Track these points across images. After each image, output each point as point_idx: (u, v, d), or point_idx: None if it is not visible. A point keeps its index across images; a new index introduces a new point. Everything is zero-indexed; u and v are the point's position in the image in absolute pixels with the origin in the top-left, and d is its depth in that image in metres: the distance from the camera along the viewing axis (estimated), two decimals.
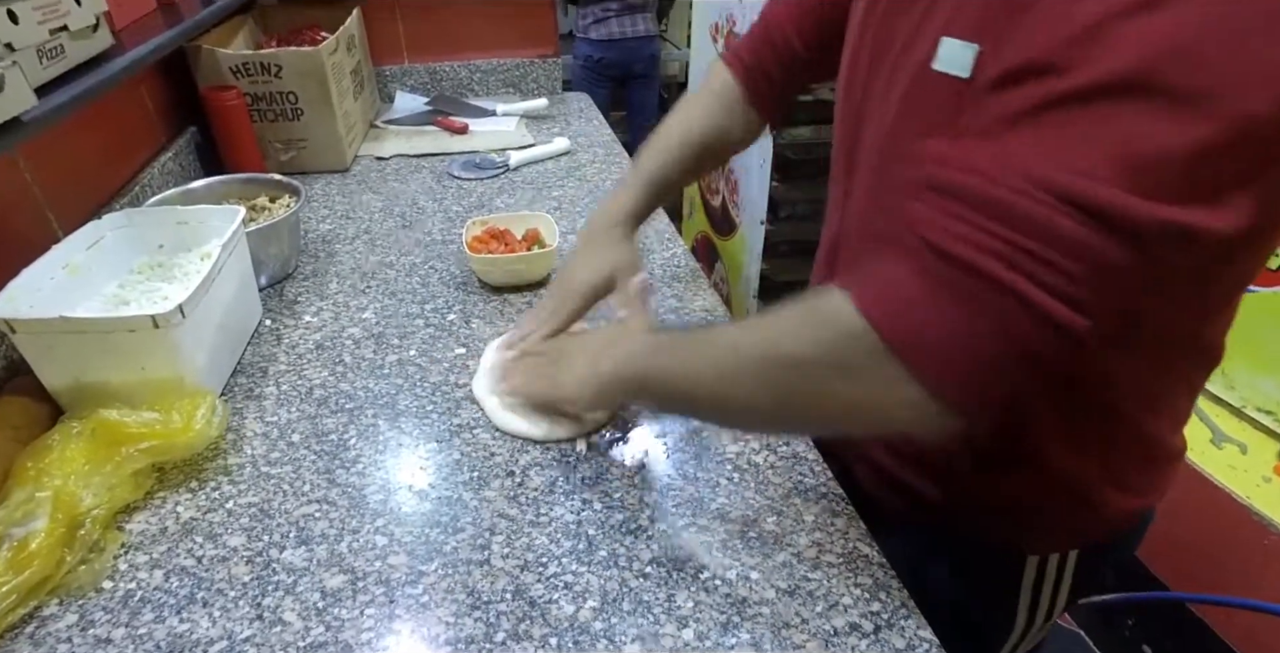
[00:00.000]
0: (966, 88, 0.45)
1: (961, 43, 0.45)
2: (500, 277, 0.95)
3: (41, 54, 0.77)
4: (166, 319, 0.65)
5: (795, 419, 0.52)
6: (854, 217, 0.62)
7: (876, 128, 0.56)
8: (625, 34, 2.77)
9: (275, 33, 1.47)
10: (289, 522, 0.62)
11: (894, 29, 0.53)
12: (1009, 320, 0.36)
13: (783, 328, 0.47)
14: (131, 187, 1.02)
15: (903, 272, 0.40)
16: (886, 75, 0.54)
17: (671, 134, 0.78)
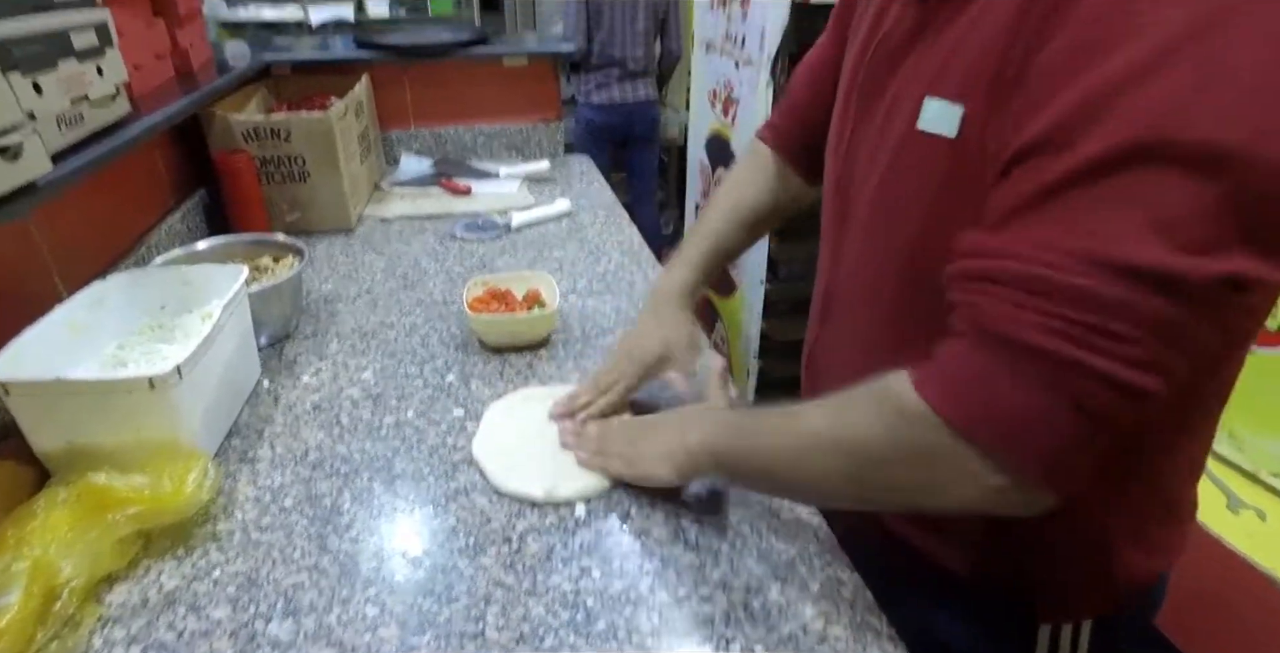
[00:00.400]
0: (952, 147, 0.46)
1: (945, 103, 0.46)
2: (500, 337, 0.95)
3: (61, 121, 0.79)
4: (164, 380, 0.65)
5: (874, 502, 0.53)
6: (846, 270, 0.64)
7: (866, 185, 0.58)
8: (626, 99, 2.87)
9: (287, 99, 1.52)
10: (277, 591, 0.60)
11: (878, 89, 0.55)
12: (1087, 395, 0.37)
13: (856, 416, 0.48)
14: (138, 247, 1.03)
15: (968, 362, 0.40)
16: (874, 135, 0.56)
17: (721, 206, 0.82)
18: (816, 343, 0.72)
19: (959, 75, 0.46)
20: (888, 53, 0.55)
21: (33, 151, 0.69)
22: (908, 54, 0.53)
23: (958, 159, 0.46)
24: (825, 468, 0.50)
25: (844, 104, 0.62)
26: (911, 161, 0.51)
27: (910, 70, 0.51)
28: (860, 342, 0.65)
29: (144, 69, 1.09)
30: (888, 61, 0.54)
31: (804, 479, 0.53)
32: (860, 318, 0.64)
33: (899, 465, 0.45)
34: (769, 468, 0.55)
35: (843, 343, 0.67)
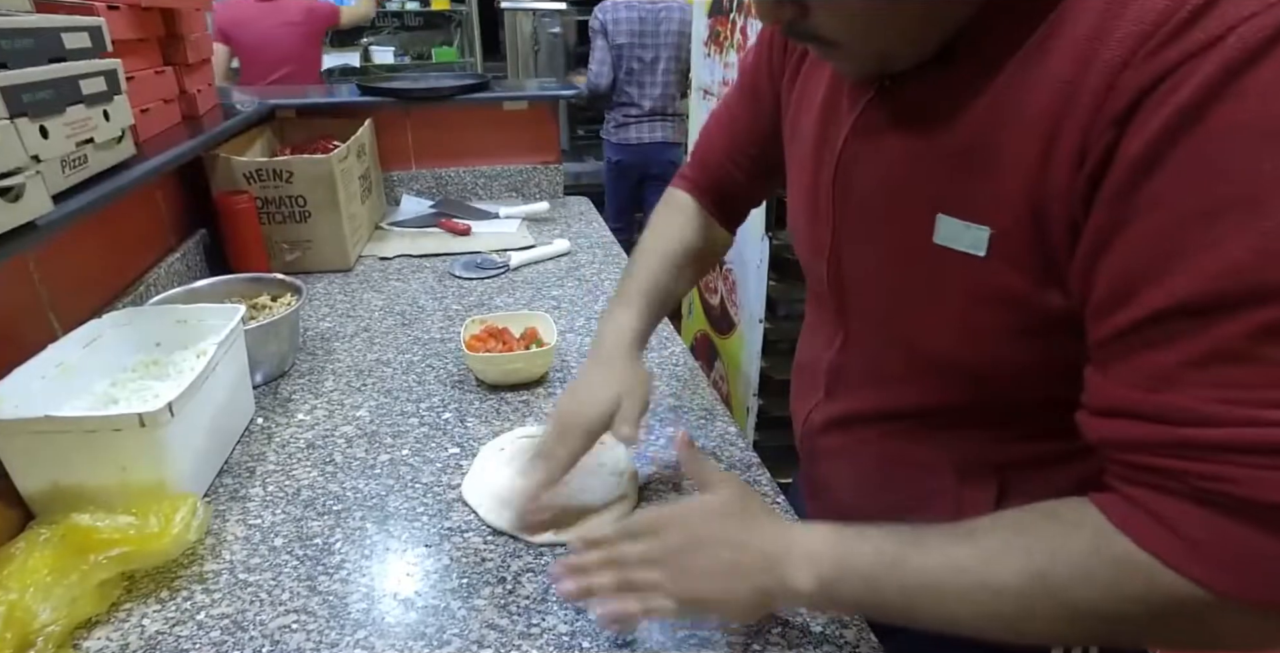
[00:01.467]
0: (983, 265, 0.46)
1: (965, 223, 0.46)
2: (497, 375, 0.94)
3: (65, 163, 0.80)
4: (154, 418, 0.64)
5: (1083, 642, 0.51)
6: (856, 355, 0.63)
7: (869, 287, 0.57)
8: (643, 139, 2.94)
9: (291, 143, 1.54)
10: (263, 635, 0.58)
11: (858, 191, 0.54)
12: None
13: (1063, 568, 0.42)
14: (137, 286, 1.03)
15: (1231, 532, 0.38)
16: (864, 239, 0.55)
17: (653, 250, 0.78)
18: (815, 415, 0.69)
19: (981, 200, 0.45)
20: (862, 152, 0.53)
21: (34, 193, 0.70)
22: (884, 153, 0.51)
23: (991, 274, 0.46)
24: (1034, 622, 0.44)
25: (810, 201, 0.60)
26: (931, 272, 0.50)
27: (904, 176, 0.50)
28: (866, 423, 0.63)
29: (151, 113, 1.11)
30: (865, 161, 0.53)
31: (998, 630, 0.45)
32: (869, 401, 0.63)
33: (1144, 626, 0.42)
34: (942, 619, 0.46)
35: (848, 421, 0.65)
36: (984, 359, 0.51)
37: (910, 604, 0.46)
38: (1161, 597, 0.40)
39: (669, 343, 1.07)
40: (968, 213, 0.46)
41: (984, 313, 0.48)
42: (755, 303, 1.77)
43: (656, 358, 1.02)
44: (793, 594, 0.48)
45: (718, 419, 0.88)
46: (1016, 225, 0.43)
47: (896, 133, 0.51)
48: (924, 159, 0.49)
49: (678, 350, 1.05)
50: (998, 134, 0.44)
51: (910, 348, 0.56)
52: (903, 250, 0.51)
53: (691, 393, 0.93)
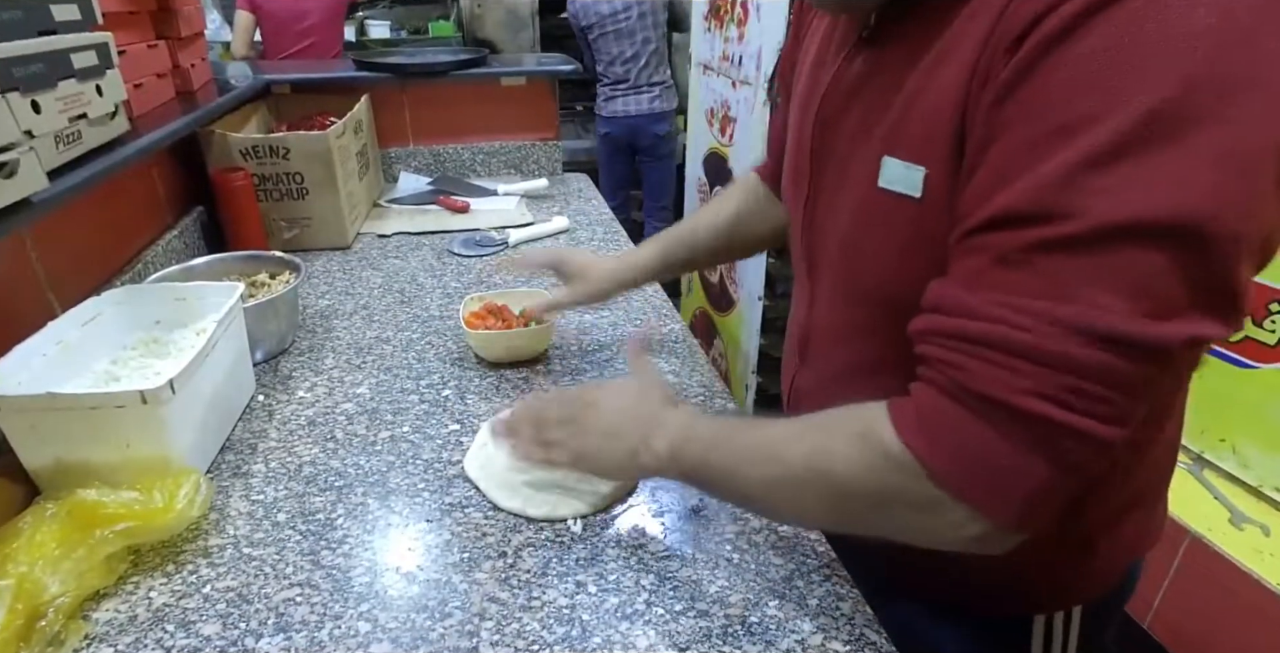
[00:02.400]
0: (917, 207, 0.48)
1: (905, 164, 0.48)
2: (497, 353, 0.94)
3: (59, 139, 0.79)
4: (155, 395, 0.64)
5: (844, 528, 0.53)
6: (821, 314, 0.65)
7: (831, 238, 0.59)
8: (629, 111, 2.89)
9: (287, 120, 1.53)
10: (268, 607, 0.59)
11: (831, 144, 0.57)
12: (1066, 452, 0.40)
13: (835, 450, 0.47)
14: (134, 264, 1.03)
15: (957, 420, 0.42)
16: (833, 190, 0.58)
17: (706, 210, 0.87)
18: (796, 381, 0.72)
19: (916, 137, 0.47)
20: (835, 107, 0.56)
21: (29, 169, 0.69)
22: (855, 107, 0.54)
23: (924, 218, 0.48)
24: (805, 501, 0.50)
25: (797, 159, 0.63)
26: (875, 218, 0.52)
27: (861, 125, 0.53)
28: (838, 384, 0.65)
29: (144, 89, 1.10)
30: (836, 117, 0.56)
31: (781, 507, 0.53)
32: (837, 361, 0.65)
33: (881, 508, 0.46)
34: (743, 491, 0.54)
35: (821, 384, 0.68)
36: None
37: (730, 472, 0.53)
38: (895, 475, 0.44)
39: (668, 320, 1.07)
40: (908, 153, 0.48)
41: (921, 254, 0.49)
42: (754, 281, 1.77)
43: (656, 335, 1.02)
44: (652, 456, 0.57)
45: (716, 396, 0.88)
46: (946, 162, 0.45)
47: (865, 86, 0.53)
48: (881, 107, 0.51)
49: (677, 328, 1.05)
50: (936, 72, 0.46)
51: (865, 299, 0.58)
52: (857, 199, 0.54)
53: (690, 370, 0.94)
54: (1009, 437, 0.40)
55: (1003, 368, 0.39)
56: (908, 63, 0.48)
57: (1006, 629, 0.65)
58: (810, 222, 0.62)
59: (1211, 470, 1.25)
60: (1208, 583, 1.16)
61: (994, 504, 0.42)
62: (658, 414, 0.60)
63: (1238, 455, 1.21)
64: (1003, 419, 0.40)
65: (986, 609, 0.65)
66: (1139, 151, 0.35)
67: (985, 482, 0.41)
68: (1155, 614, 1.27)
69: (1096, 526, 0.59)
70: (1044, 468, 0.40)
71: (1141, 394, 0.39)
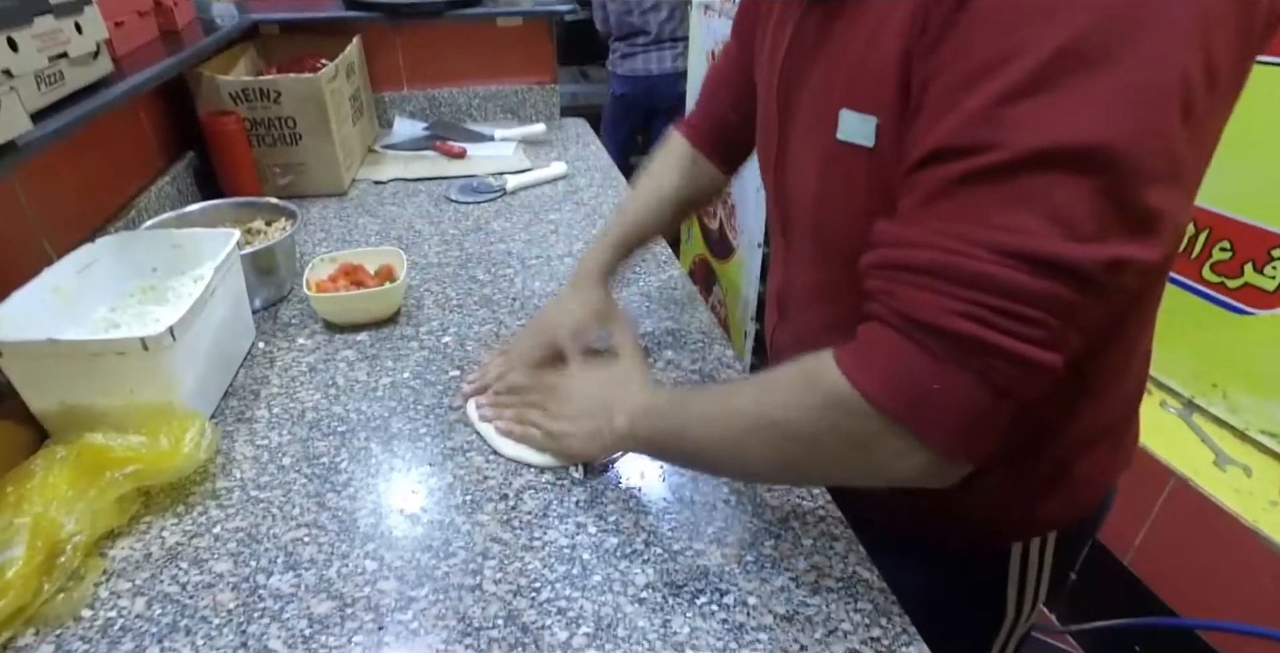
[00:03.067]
0: (871, 156, 0.50)
1: (859, 115, 0.50)
2: (346, 315, 0.91)
3: (40, 80, 0.77)
4: (156, 342, 0.64)
5: (800, 479, 0.56)
6: (796, 271, 0.67)
7: (801, 194, 0.60)
8: (650, 71, 2.70)
9: (276, 61, 1.49)
10: (277, 547, 0.61)
11: (795, 101, 0.58)
12: (993, 372, 0.41)
13: (778, 397, 0.49)
14: (128, 210, 1.02)
15: (891, 347, 0.43)
16: (800, 146, 0.59)
17: (644, 192, 0.85)
18: (775, 336, 0.74)
19: (868, 87, 0.48)
20: (796, 66, 0.57)
21: (11, 109, 0.68)
22: (815, 64, 0.55)
23: (878, 167, 0.50)
24: (755, 451, 0.50)
25: (765, 118, 0.64)
26: (838, 171, 0.54)
27: (822, 81, 0.54)
28: (815, 337, 0.65)
29: (126, 27, 1.06)
30: (800, 74, 0.57)
31: (733, 462, 0.54)
32: (812, 314, 0.66)
33: (828, 448, 0.47)
34: (697, 451, 0.55)
35: (798, 340, 0.69)
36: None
37: (681, 434, 0.55)
38: (834, 410, 0.45)
39: (667, 266, 1.06)
40: (861, 103, 0.49)
41: (877, 205, 0.50)
42: (754, 228, 1.76)
43: (655, 282, 1.02)
44: (612, 433, 0.62)
45: (715, 343, 0.89)
46: (894, 110, 0.47)
47: (825, 40, 0.53)
48: (839, 60, 0.52)
49: (676, 275, 1.04)
50: (883, 23, 0.46)
51: (835, 256, 0.59)
52: (820, 154, 0.55)
53: (689, 317, 0.94)
54: (940, 358, 0.41)
55: (932, 291, 0.41)
56: (860, 15, 0.49)
57: (985, 563, 0.68)
58: (781, 181, 0.63)
59: (1200, 415, 1.27)
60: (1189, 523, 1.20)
61: (930, 429, 0.43)
62: (622, 394, 0.64)
63: (1228, 400, 1.22)
64: (933, 342, 0.41)
65: (969, 541, 0.67)
66: (1052, 86, 0.38)
67: (920, 406, 0.42)
68: (1137, 552, 1.31)
69: (1070, 452, 0.61)
70: (975, 390, 0.41)
71: (1069, 317, 0.40)
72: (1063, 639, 1.49)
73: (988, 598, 0.70)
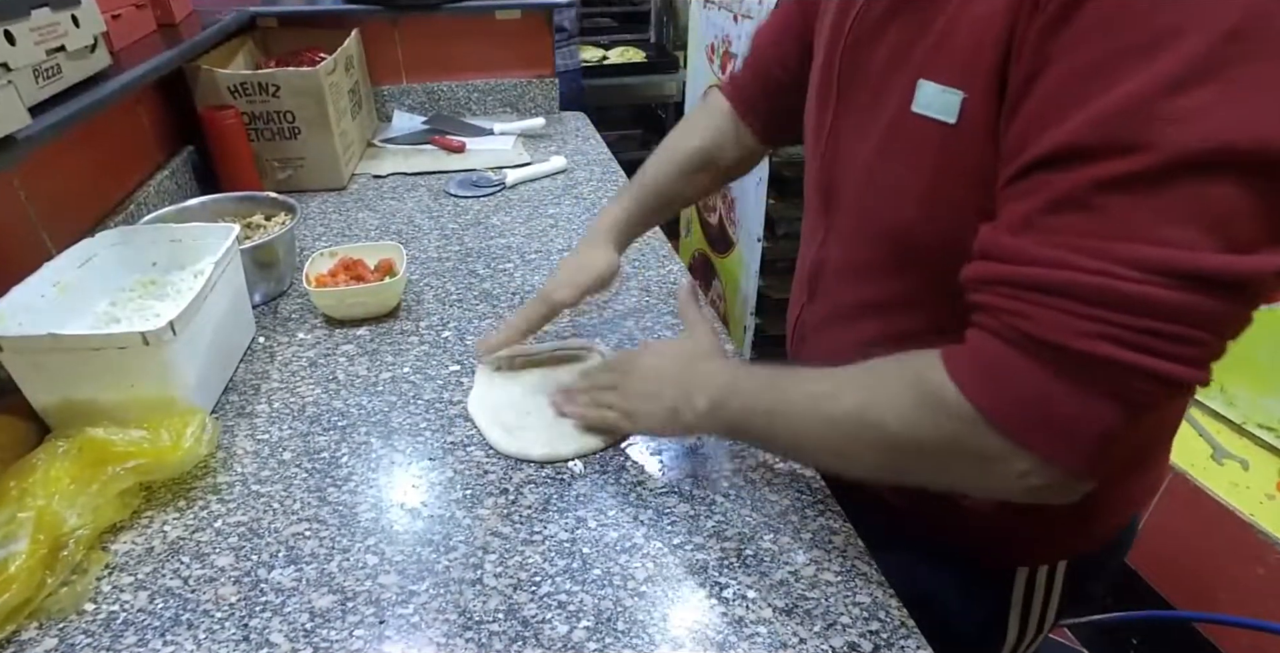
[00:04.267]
0: (952, 132, 0.46)
1: (941, 87, 0.46)
2: (345, 310, 0.91)
3: (38, 73, 0.77)
4: (157, 336, 0.65)
5: (896, 479, 0.52)
6: (836, 247, 0.63)
7: (853, 166, 0.57)
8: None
9: (275, 54, 1.48)
10: (278, 541, 0.61)
11: (861, 68, 0.54)
12: (1134, 393, 0.38)
13: (892, 402, 0.46)
14: (127, 205, 1.02)
15: (1019, 368, 0.40)
16: (860, 115, 0.55)
17: (668, 148, 0.80)
18: (803, 316, 0.71)
19: (956, 60, 0.45)
20: (868, 31, 0.53)
21: (9, 104, 0.68)
22: (889, 31, 0.51)
23: (958, 144, 0.46)
24: (856, 451, 0.49)
25: (823, 84, 0.60)
26: (905, 144, 0.50)
27: (896, 49, 0.50)
28: (848, 317, 0.64)
29: (123, 20, 1.06)
30: (869, 39, 0.53)
31: (830, 457, 0.52)
32: (848, 294, 0.64)
33: (939, 459, 0.45)
34: (789, 442, 0.54)
35: (829, 320, 0.67)
36: (952, 238, 0.50)
37: (772, 423, 0.53)
38: (953, 426, 0.43)
39: (667, 261, 1.06)
40: (946, 77, 0.46)
41: (950, 185, 0.48)
42: (754, 222, 1.76)
43: (654, 277, 1.02)
44: (693, 413, 0.58)
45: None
46: (986, 90, 0.43)
47: (903, 5, 0.50)
48: (918, 29, 0.48)
49: (675, 269, 1.04)
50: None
51: (883, 236, 0.56)
52: (886, 126, 0.52)
53: None
54: (1075, 382, 0.38)
55: (1069, 313, 0.38)
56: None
57: (991, 577, 0.66)
58: (832, 151, 0.60)
59: (1198, 409, 1.27)
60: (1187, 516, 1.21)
61: (1064, 452, 0.40)
62: (699, 371, 0.61)
63: (1225, 395, 1.23)
64: (1069, 365, 0.38)
65: (974, 558, 0.65)
66: (1219, 75, 0.33)
67: (1053, 430, 0.40)
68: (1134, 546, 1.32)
69: (1100, 484, 0.60)
70: (1115, 412, 0.39)
71: (1227, 331, 0.37)
72: (1060, 633, 1.50)
73: (988, 618, 0.68)
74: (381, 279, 0.92)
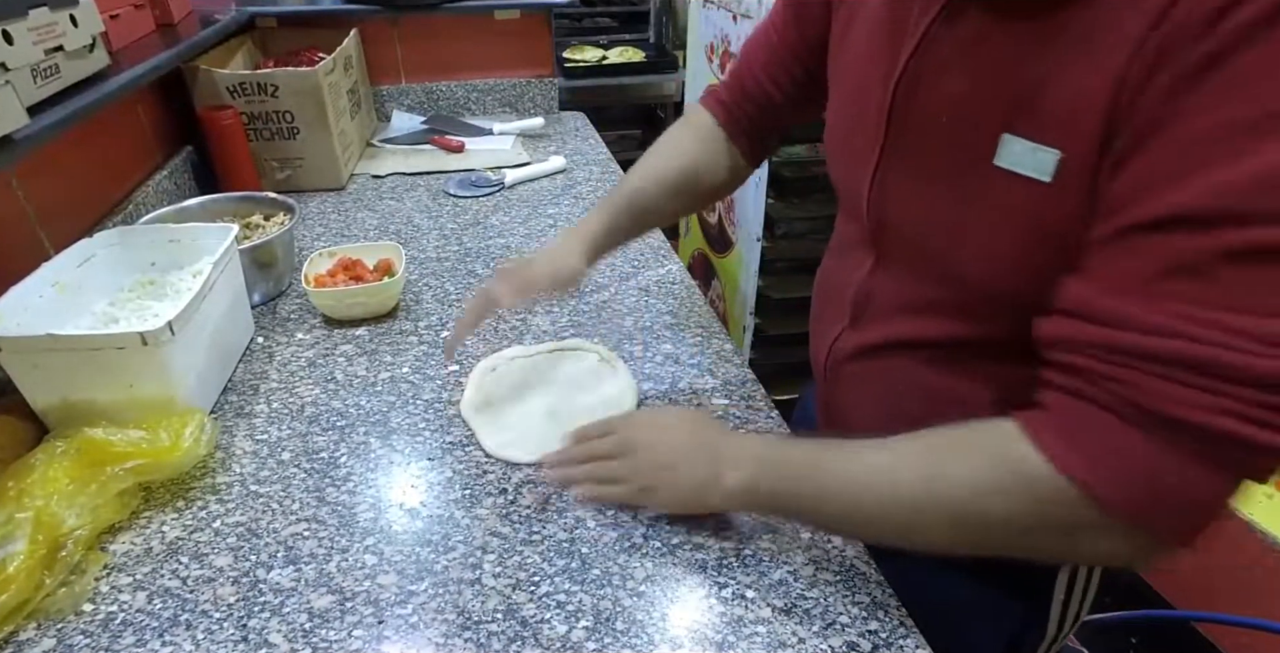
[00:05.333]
0: (1047, 192, 0.44)
1: (1033, 145, 0.44)
2: (344, 310, 0.90)
3: (36, 73, 0.77)
4: (155, 336, 0.64)
5: (969, 550, 0.48)
6: (885, 282, 0.61)
7: (913, 205, 0.55)
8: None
9: (274, 55, 1.48)
10: (277, 541, 0.61)
11: (921, 109, 0.52)
12: (1252, 467, 0.38)
13: (957, 472, 0.44)
14: (125, 205, 1.01)
15: (1112, 434, 0.39)
16: (915, 158, 0.53)
17: (650, 167, 0.76)
18: (839, 343, 0.67)
19: (1052, 118, 0.43)
20: (932, 69, 0.50)
21: (7, 104, 0.68)
22: (961, 71, 0.48)
23: (1049, 205, 0.44)
24: (922, 526, 0.46)
25: (862, 116, 0.57)
26: (985, 199, 0.48)
27: (971, 94, 0.48)
28: (885, 352, 0.62)
29: (122, 20, 1.06)
30: (933, 78, 0.50)
31: (891, 533, 0.49)
32: (895, 329, 0.61)
33: (1025, 535, 0.43)
34: (839, 519, 0.50)
35: (867, 349, 0.64)
36: (1030, 290, 0.47)
37: (821, 500, 0.50)
38: (1042, 499, 0.41)
39: (666, 261, 1.06)
40: (1038, 134, 0.43)
41: (1037, 243, 0.46)
42: (753, 222, 1.75)
43: (653, 276, 1.02)
44: (723, 490, 0.54)
45: (714, 337, 0.89)
46: (1088, 150, 0.41)
47: (977, 49, 0.47)
48: (1000, 77, 0.46)
49: (675, 269, 1.04)
50: (1082, 48, 0.41)
51: (950, 276, 0.53)
52: (957, 174, 0.49)
53: (688, 311, 0.94)
54: (1194, 456, 0.37)
55: (1184, 385, 0.37)
56: (1035, 32, 0.43)
57: (1030, 582, 0.64)
58: (882, 190, 0.57)
59: None
60: None
61: (1172, 527, 0.39)
62: (722, 445, 0.57)
63: None
64: (1186, 438, 0.37)
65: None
66: None
67: (1163, 506, 0.39)
68: None
69: None
70: (1228, 485, 0.38)
71: None
72: None
73: (1029, 614, 0.65)
74: (380, 279, 0.92)
